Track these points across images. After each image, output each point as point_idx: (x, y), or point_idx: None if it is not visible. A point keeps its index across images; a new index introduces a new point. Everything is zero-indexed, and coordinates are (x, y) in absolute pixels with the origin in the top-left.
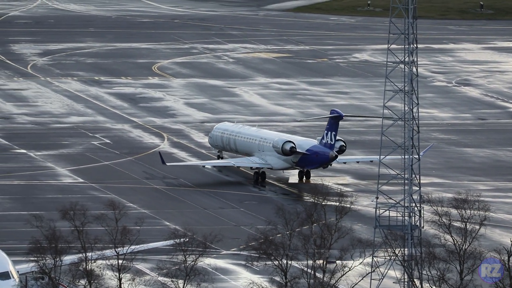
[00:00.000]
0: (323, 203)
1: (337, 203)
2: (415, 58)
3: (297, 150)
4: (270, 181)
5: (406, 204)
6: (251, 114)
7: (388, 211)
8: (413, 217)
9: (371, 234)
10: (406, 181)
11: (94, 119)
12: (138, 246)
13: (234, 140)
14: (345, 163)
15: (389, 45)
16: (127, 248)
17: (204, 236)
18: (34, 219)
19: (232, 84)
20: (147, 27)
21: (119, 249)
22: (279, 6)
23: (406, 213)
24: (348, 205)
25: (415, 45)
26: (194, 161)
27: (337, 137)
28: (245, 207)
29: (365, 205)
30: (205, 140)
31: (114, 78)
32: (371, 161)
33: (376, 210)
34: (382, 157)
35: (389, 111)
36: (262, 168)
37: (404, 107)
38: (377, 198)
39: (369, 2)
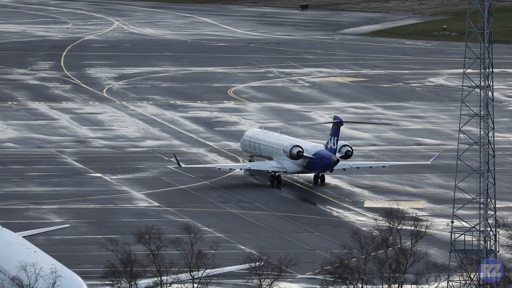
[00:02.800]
0: (399, 227)
1: (413, 228)
2: (491, 83)
3: (304, 154)
4: (345, 205)
5: (481, 229)
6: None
7: (463, 235)
8: (488, 242)
9: (446, 258)
10: (481, 206)
11: (169, 143)
12: (213, 270)
13: (259, 146)
14: (358, 168)
15: (464, 70)
16: (202, 272)
17: (279, 260)
18: (110, 242)
19: (307, 108)
20: (222, 51)
21: (194, 273)
22: (354, 31)
23: (481, 238)
24: (423, 230)
25: (491, 69)
26: (209, 164)
27: (345, 143)
28: (320, 231)
29: (440, 229)
30: None
31: (189, 102)
32: (383, 167)
33: (451, 235)
34: (457, 181)
35: (465, 135)
36: (278, 171)
37: (480, 131)
38: (452, 222)
39: (444, 26)
